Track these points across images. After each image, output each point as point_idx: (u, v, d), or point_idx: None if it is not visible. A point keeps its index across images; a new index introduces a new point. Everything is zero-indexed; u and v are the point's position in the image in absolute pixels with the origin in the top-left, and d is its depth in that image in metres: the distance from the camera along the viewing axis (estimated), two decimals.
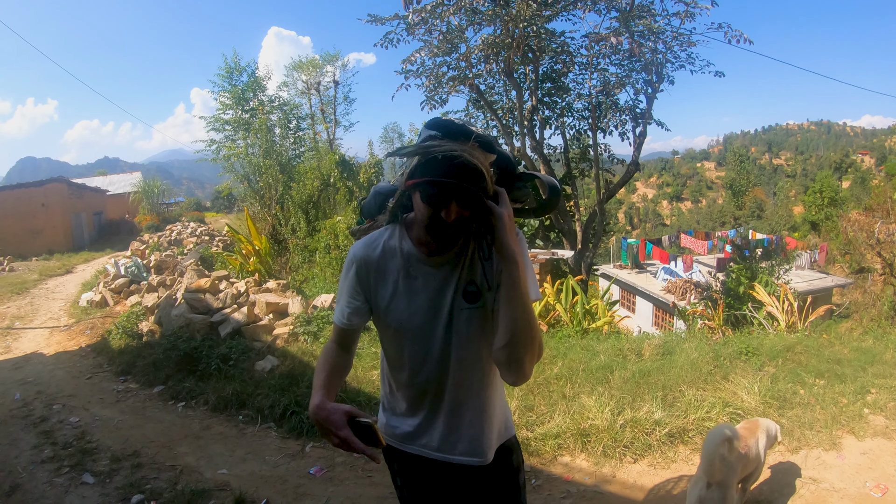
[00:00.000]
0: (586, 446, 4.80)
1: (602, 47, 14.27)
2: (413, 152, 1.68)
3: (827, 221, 43.52)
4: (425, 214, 1.69)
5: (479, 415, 1.97)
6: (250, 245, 11.68)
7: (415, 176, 1.69)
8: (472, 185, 1.63)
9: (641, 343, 7.19)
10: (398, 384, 2.02)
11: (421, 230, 1.79)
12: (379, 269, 1.89)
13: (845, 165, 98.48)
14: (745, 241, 16.41)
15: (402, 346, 1.92)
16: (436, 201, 1.66)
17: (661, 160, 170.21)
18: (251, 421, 5.87)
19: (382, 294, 1.89)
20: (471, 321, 1.86)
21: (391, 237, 1.90)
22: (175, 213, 40.80)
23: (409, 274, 1.86)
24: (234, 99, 29.63)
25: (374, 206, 2.12)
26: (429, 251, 1.84)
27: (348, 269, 1.92)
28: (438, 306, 1.86)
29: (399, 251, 1.87)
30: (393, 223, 1.94)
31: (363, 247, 1.91)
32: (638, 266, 25.49)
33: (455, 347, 1.87)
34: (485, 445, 1.98)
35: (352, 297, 1.92)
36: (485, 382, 1.96)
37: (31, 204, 28.89)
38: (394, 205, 1.90)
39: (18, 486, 4.65)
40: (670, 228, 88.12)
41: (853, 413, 5.17)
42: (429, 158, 1.63)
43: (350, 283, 1.92)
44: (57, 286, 16.98)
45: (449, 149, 1.60)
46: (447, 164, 1.61)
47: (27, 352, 9.46)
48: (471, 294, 1.85)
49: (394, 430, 2.06)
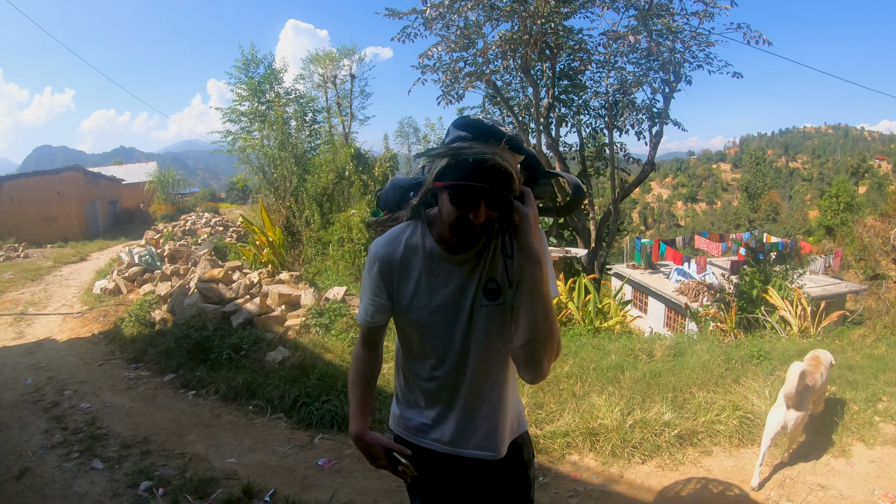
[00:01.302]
0: (595, 445, 4.80)
1: (620, 45, 14.21)
2: (443, 154, 1.66)
3: (842, 226, 43.16)
4: (453, 216, 1.68)
5: (495, 409, 1.98)
6: (264, 236, 11.72)
7: (443, 177, 1.66)
8: (502, 188, 1.62)
9: (653, 344, 7.17)
10: (415, 378, 2.02)
11: (446, 229, 1.78)
12: (402, 266, 1.89)
13: (862, 170, 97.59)
14: (759, 244, 16.34)
15: (423, 341, 1.93)
16: (465, 204, 1.65)
17: (676, 160, 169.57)
18: (261, 411, 5.89)
19: (405, 291, 1.90)
20: (490, 318, 1.87)
21: (413, 234, 1.90)
22: (190, 203, 40.97)
23: (432, 271, 1.87)
24: (251, 91, 29.69)
25: (392, 198, 2.10)
26: (451, 249, 1.85)
27: (371, 267, 1.92)
28: (460, 303, 1.87)
29: (421, 248, 1.87)
30: (414, 219, 1.93)
31: (385, 244, 1.91)
32: (651, 266, 25.38)
33: (474, 343, 1.88)
34: (499, 440, 1.99)
35: (376, 294, 1.92)
36: (501, 378, 1.97)
37: (47, 191, 29.02)
38: (417, 202, 1.86)
39: (28, 469, 4.69)
40: (684, 229, 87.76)
41: (863, 420, 5.14)
42: (459, 161, 1.62)
43: (373, 281, 1.92)
44: (71, 273, 17.07)
45: (479, 151, 1.59)
46: (478, 167, 1.59)
47: (40, 337, 9.52)
48: (491, 291, 1.86)
49: (407, 423, 2.06)
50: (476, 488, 2.06)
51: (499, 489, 2.07)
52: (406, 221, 1.95)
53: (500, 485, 2.07)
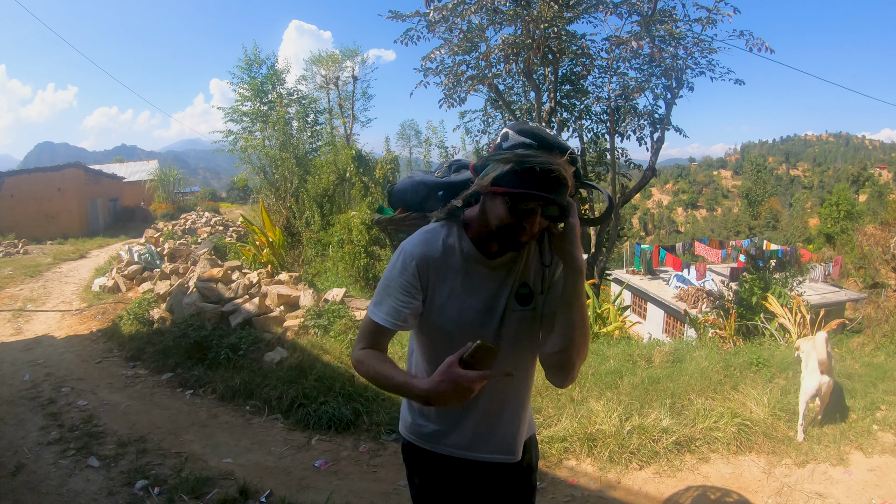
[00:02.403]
0: (592, 451, 4.79)
1: (622, 51, 14.20)
2: (508, 159, 1.61)
3: (842, 235, 43.12)
4: (505, 221, 1.65)
5: (517, 414, 1.98)
6: (264, 237, 11.73)
7: (503, 182, 1.62)
8: (562, 199, 1.63)
9: (652, 350, 7.16)
10: None
11: (490, 235, 1.76)
12: (439, 267, 1.83)
13: (863, 179, 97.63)
14: (759, 252, 16.36)
15: (451, 345, 1.76)
16: (523, 212, 1.63)
17: (677, 167, 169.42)
18: (258, 411, 5.89)
19: (439, 294, 1.84)
20: (521, 323, 1.87)
21: (449, 235, 1.85)
22: (190, 202, 40.95)
23: (467, 274, 1.84)
24: (253, 91, 29.67)
25: (415, 197, 2.09)
26: (488, 253, 1.83)
27: (405, 267, 1.81)
28: (492, 308, 1.85)
29: (458, 251, 1.83)
30: (450, 220, 1.88)
31: (422, 244, 1.84)
32: (651, 272, 25.39)
33: (503, 348, 1.82)
34: (517, 443, 2.00)
35: (410, 296, 1.81)
36: (525, 383, 1.99)
37: (48, 188, 29.07)
38: (460, 203, 1.82)
39: (24, 466, 4.69)
40: (684, 236, 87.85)
41: (862, 429, 5.14)
42: (525, 168, 1.59)
43: (407, 282, 1.81)
44: (70, 270, 17.08)
45: (546, 161, 1.57)
46: (543, 177, 1.58)
47: (38, 334, 9.52)
48: (523, 297, 1.86)
49: (421, 430, 2.02)
50: (485, 493, 2.05)
51: (506, 492, 2.07)
52: (438, 221, 1.90)
53: (508, 488, 2.07)
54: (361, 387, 6.01)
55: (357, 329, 7.63)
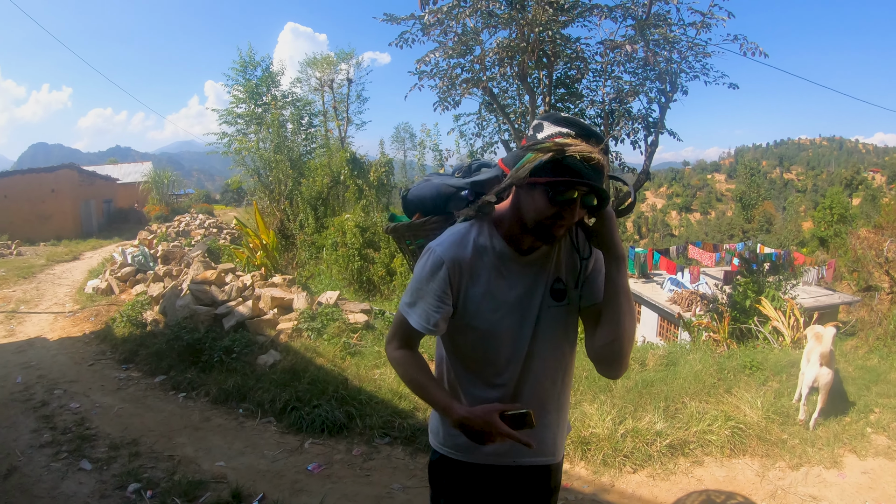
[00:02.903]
0: (586, 454, 4.80)
1: (617, 55, 14.18)
2: (549, 148, 1.59)
3: (836, 238, 43.22)
4: (546, 213, 1.63)
5: (557, 414, 1.96)
6: (258, 239, 11.71)
7: (543, 172, 1.59)
8: (602, 187, 1.61)
9: (645, 353, 7.18)
10: (470, 388, 1.91)
11: (524, 229, 1.73)
12: (471, 269, 1.79)
13: (856, 182, 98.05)
14: (753, 255, 16.34)
15: (487, 347, 1.84)
16: (565, 202, 1.60)
17: (671, 170, 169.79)
18: (251, 414, 5.87)
19: (472, 296, 1.80)
20: (557, 319, 1.85)
21: (480, 234, 1.81)
22: (184, 204, 40.92)
23: (501, 273, 1.80)
24: (248, 93, 29.61)
25: (438, 200, 2.05)
26: (521, 250, 1.80)
27: (435, 271, 1.77)
28: (528, 306, 1.82)
29: (491, 250, 1.80)
30: (479, 218, 1.84)
31: (452, 246, 1.79)
32: (645, 276, 25.40)
33: (539, 346, 1.84)
34: (558, 443, 2.00)
35: (441, 300, 1.78)
36: (564, 381, 1.96)
37: (42, 189, 29.00)
38: (491, 200, 1.78)
39: (16, 468, 4.66)
40: (678, 239, 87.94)
41: (856, 432, 5.16)
42: (566, 157, 1.57)
43: (439, 286, 1.77)
44: (63, 272, 17.04)
45: (586, 149, 1.56)
46: (584, 165, 1.57)
47: (31, 336, 9.48)
48: (558, 292, 1.84)
49: (456, 439, 1.92)
50: (518, 496, 2.00)
51: (534, 494, 2.03)
52: (464, 221, 1.85)
53: (538, 490, 2.03)
54: (355, 390, 6.01)
55: (350, 332, 7.63)
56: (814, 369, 5.29)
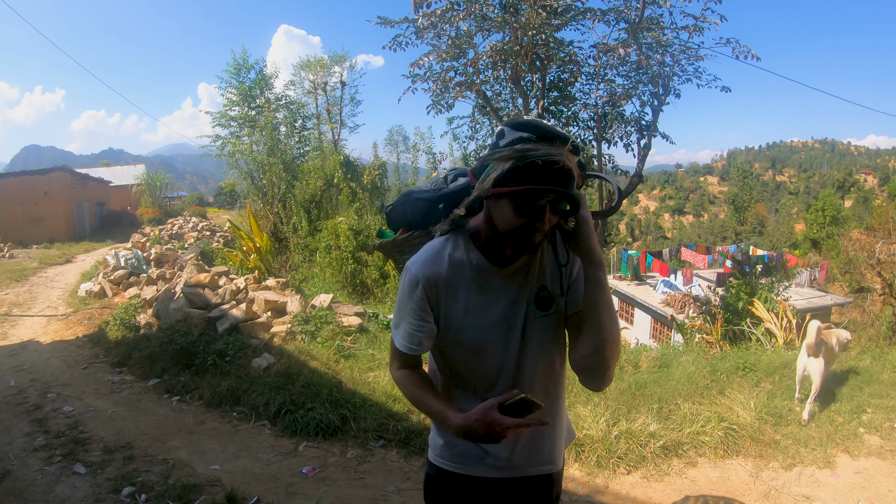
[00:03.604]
0: (580, 456, 4.81)
1: (610, 58, 14.22)
2: (507, 156, 1.51)
3: (828, 240, 43.37)
4: (515, 224, 1.56)
5: (553, 422, 1.90)
6: (251, 242, 11.68)
7: (506, 182, 1.53)
8: (570, 191, 1.53)
9: (639, 355, 7.19)
10: (463, 403, 1.83)
11: (500, 240, 1.66)
12: (448, 285, 1.73)
13: (848, 184, 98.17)
14: (745, 257, 16.40)
15: (475, 362, 1.80)
16: (532, 210, 1.53)
17: (664, 173, 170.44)
18: (245, 418, 5.86)
19: (453, 312, 1.75)
20: (545, 329, 1.79)
21: (456, 249, 1.75)
22: (177, 207, 40.84)
23: (481, 287, 1.75)
24: (241, 96, 29.56)
25: (416, 214, 1.96)
26: (500, 262, 1.74)
27: (412, 290, 1.73)
28: (513, 318, 1.76)
29: (468, 264, 1.74)
30: (454, 233, 1.78)
31: (426, 263, 1.74)
32: (638, 278, 25.46)
33: (530, 358, 1.79)
34: (557, 452, 1.95)
35: (421, 319, 1.74)
36: (557, 391, 1.91)
37: (34, 192, 28.93)
38: (462, 212, 1.70)
39: (9, 472, 4.65)
40: (671, 241, 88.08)
41: (848, 432, 5.18)
42: (526, 164, 1.49)
43: (417, 305, 1.73)
44: (56, 275, 17.01)
45: (547, 153, 1.48)
46: (548, 170, 1.49)
47: (24, 339, 9.47)
48: (543, 301, 1.77)
49: (455, 452, 1.90)
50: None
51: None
52: (441, 235, 1.80)
53: (539, 500, 1.98)
54: (349, 393, 6.01)
55: (344, 335, 7.64)
56: (802, 360, 5.65)
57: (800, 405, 5.62)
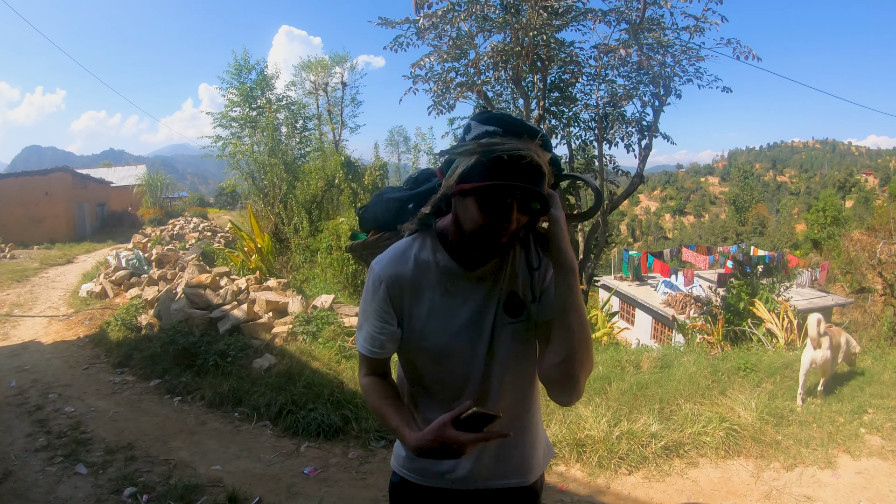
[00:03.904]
0: (581, 456, 4.80)
1: (611, 59, 14.24)
2: (471, 150, 1.44)
3: (829, 240, 43.35)
4: (480, 223, 1.47)
5: (524, 435, 1.81)
6: (252, 242, 11.70)
7: (471, 178, 1.44)
8: (539, 189, 1.44)
9: (640, 355, 7.19)
10: (428, 412, 1.76)
11: (467, 241, 1.57)
12: (413, 286, 1.65)
13: (849, 185, 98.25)
14: (746, 257, 16.39)
15: (440, 369, 1.71)
16: (497, 208, 1.45)
17: (665, 173, 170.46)
18: (247, 418, 5.86)
19: (418, 315, 1.66)
20: (514, 337, 1.68)
21: (422, 249, 1.67)
22: (178, 207, 40.78)
23: (447, 290, 1.65)
24: (242, 96, 29.58)
25: (386, 214, 1.88)
26: (468, 264, 1.64)
27: (375, 290, 1.65)
28: (481, 324, 1.66)
29: (434, 265, 1.65)
30: (421, 232, 1.70)
31: (391, 262, 1.66)
32: (639, 278, 25.47)
33: (497, 367, 1.68)
34: (528, 465, 1.84)
35: (384, 321, 1.66)
36: (529, 401, 1.81)
37: (35, 192, 28.93)
38: (429, 210, 1.62)
39: (10, 473, 4.66)
40: (672, 242, 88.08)
41: (849, 432, 5.17)
42: (491, 158, 1.41)
43: (380, 306, 1.65)
44: (57, 275, 17.00)
45: (514, 147, 1.40)
46: (514, 165, 1.40)
47: (25, 340, 9.47)
48: (514, 307, 1.67)
49: (415, 462, 1.82)
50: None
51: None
52: (409, 235, 1.71)
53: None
54: (350, 393, 6.01)
55: (345, 336, 7.64)
56: (807, 353, 5.86)
57: (802, 400, 5.75)
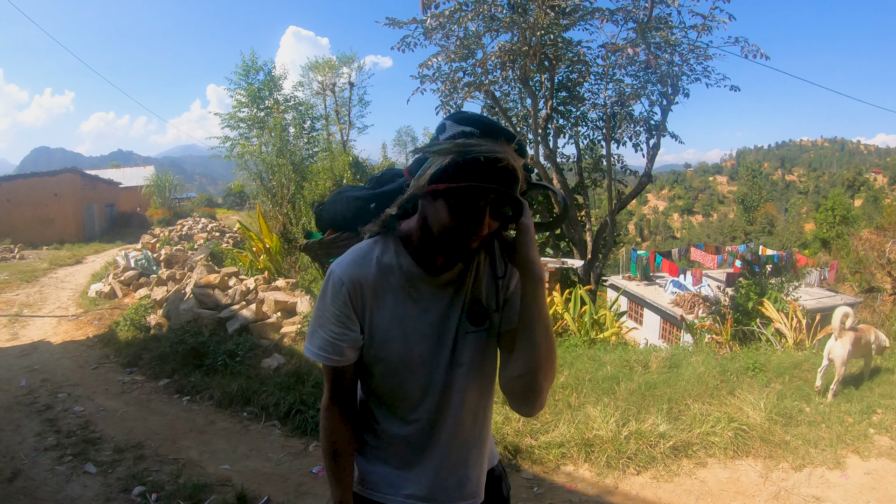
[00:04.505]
0: (590, 456, 4.79)
1: (618, 58, 14.24)
2: (447, 150, 1.37)
3: (838, 239, 43.16)
4: (450, 226, 1.41)
5: (480, 451, 1.74)
6: (261, 243, 11.71)
7: (443, 178, 1.38)
8: (514, 193, 1.40)
9: (648, 355, 7.17)
10: (383, 424, 1.69)
11: (433, 245, 1.52)
12: (375, 291, 1.56)
13: (858, 183, 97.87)
14: (755, 257, 16.35)
15: (398, 379, 1.62)
16: (469, 212, 1.39)
17: (673, 173, 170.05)
18: (255, 418, 5.88)
19: (378, 321, 1.58)
20: (476, 346, 1.62)
21: (385, 252, 1.58)
22: (186, 208, 40.92)
23: (410, 296, 1.58)
24: (250, 97, 29.70)
25: (346, 214, 1.82)
26: (432, 269, 1.58)
27: (336, 293, 1.55)
28: (443, 332, 1.60)
29: (397, 269, 1.57)
30: (383, 235, 1.61)
31: (352, 265, 1.56)
32: (647, 278, 25.41)
33: (458, 377, 1.62)
34: (481, 483, 1.77)
35: (345, 326, 1.55)
36: (485, 414, 1.74)
37: (44, 193, 29.08)
38: (394, 212, 1.52)
39: (20, 472, 4.68)
40: (680, 241, 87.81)
41: (858, 432, 5.15)
42: (467, 159, 1.35)
43: (340, 310, 1.55)
44: (66, 276, 17.07)
45: (491, 150, 1.34)
46: (489, 168, 1.35)
47: (34, 339, 9.51)
48: (477, 315, 1.61)
49: (370, 478, 1.73)
50: None
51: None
52: (370, 237, 1.63)
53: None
54: None
55: None
56: (829, 342, 6.11)
57: (821, 395, 5.95)
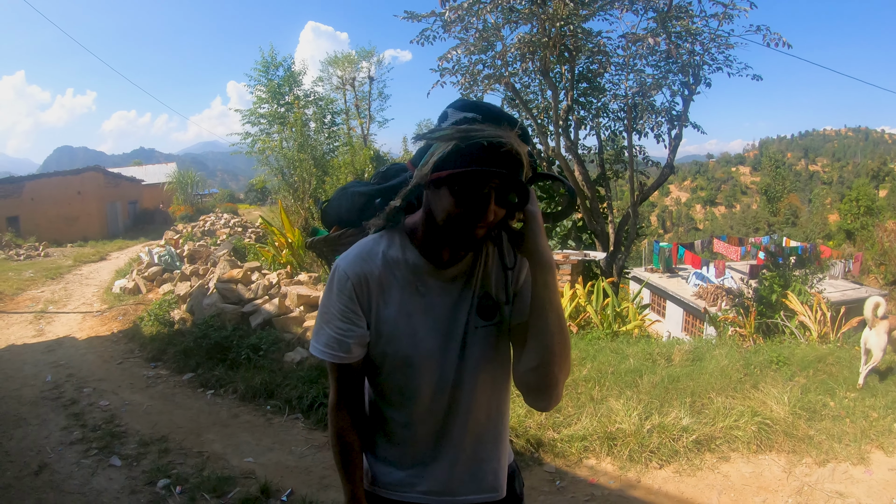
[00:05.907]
0: (612, 450, 4.78)
1: (639, 48, 14.12)
2: (449, 136, 1.35)
3: (862, 231, 42.70)
4: (454, 213, 1.38)
5: (496, 446, 1.70)
6: (283, 237, 11.75)
7: (447, 165, 1.36)
8: (519, 178, 1.36)
9: (671, 348, 7.12)
10: (394, 423, 1.65)
11: (439, 237, 1.50)
12: (381, 285, 1.53)
13: (883, 174, 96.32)
14: (778, 249, 16.23)
15: (407, 377, 1.58)
16: (475, 199, 1.36)
17: (695, 163, 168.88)
18: (279, 411, 5.91)
19: (385, 316, 1.54)
20: (487, 341, 1.59)
21: (390, 246, 1.55)
22: (209, 204, 41.15)
23: (417, 290, 1.55)
24: (270, 93, 29.76)
25: (352, 209, 1.77)
26: (439, 262, 1.55)
27: (341, 288, 1.52)
28: (452, 327, 1.57)
29: (404, 263, 1.54)
30: (389, 229, 1.59)
31: (357, 260, 1.54)
32: (669, 270, 25.25)
33: (469, 373, 1.58)
34: (501, 477, 1.71)
35: (351, 322, 1.52)
36: (501, 410, 1.70)
37: (68, 192, 29.42)
38: (399, 203, 1.51)
39: (46, 465, 4.74)
40: (703, 233, 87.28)
41: (883, 428, 5.09)
42: (470, 144, 1.32)
43: (346, 306, 1.52)
44: (91, 272, 17.24)
45: (494, 135, 1.32)
46: (493, 153, 1.32)
47: (60, 335, 9.61)
48: (487, 309, 1.58)
49: (382, 479, 1.70)
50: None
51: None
52: (375, 232, 1.59)
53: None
54: None
55: None
56: (864, 332, 6.14)
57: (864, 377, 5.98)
